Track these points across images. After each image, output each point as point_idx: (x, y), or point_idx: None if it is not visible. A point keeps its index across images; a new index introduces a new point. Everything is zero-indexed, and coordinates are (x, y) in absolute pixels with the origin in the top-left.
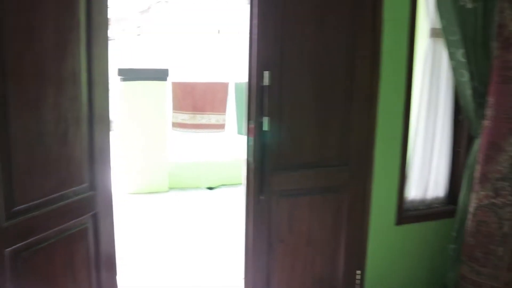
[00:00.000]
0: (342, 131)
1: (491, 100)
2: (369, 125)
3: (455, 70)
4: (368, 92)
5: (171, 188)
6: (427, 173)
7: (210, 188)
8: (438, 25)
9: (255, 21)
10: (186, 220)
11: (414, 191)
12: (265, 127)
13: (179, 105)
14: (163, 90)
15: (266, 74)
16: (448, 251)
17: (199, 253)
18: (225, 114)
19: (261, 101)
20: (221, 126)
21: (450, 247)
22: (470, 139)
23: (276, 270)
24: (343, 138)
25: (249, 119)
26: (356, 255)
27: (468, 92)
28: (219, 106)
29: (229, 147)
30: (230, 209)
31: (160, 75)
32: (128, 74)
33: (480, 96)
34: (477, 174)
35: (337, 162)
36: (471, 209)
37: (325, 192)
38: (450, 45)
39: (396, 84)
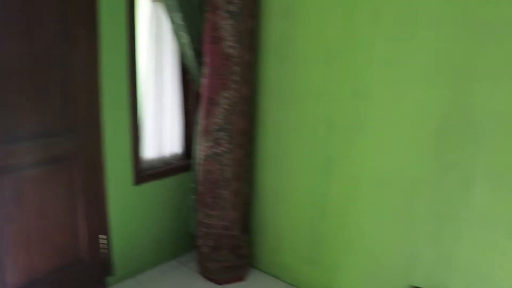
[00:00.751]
0: (63, 100)
1: (206, 59)
2: (93, 91)
3: (176, 32)
4: (87, 57)
5: None
6: (161, 132)
7: None
8: None
9: None
10: None
11: (151, 151)
12: None
13: None
14: None
15: None
16: (190, 202)
17: None
18: None
19: None
20: None
21: (191, 198)
22: (198, 97)
23: (9, 253)
24: (66, 106)
25: None
26: (98, 220)
27: (189, 52)
28: None
29: None
30: None
31: None
32: None
33: (200, 56)
34: (201, 128)
35: (61, 131)
36: (199, 160)
37: (53, 163)
38: (169, 9)
39: (118, 48)
